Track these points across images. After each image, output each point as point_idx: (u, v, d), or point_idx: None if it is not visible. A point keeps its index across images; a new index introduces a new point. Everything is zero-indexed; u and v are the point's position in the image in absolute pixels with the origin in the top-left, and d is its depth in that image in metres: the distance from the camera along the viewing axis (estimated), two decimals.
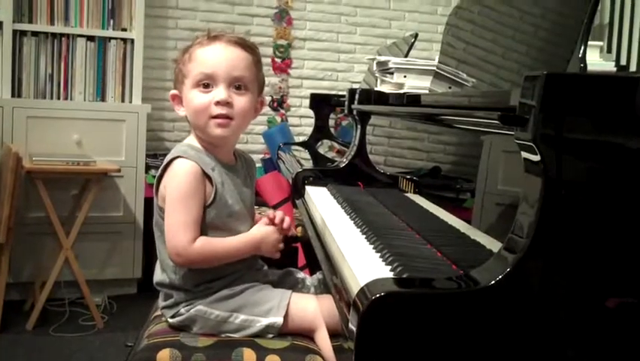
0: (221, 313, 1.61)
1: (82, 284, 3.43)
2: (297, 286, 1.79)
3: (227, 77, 1.62)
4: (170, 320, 1.64)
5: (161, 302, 1.68)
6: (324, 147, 3.52)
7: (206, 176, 1.61)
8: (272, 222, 1.68)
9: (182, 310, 1.62)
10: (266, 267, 1.78)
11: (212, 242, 1.60)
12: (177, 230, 1.56)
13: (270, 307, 1.61)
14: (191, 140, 1.69)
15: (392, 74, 2.09)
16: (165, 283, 1.64)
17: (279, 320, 1.60)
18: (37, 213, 3.55)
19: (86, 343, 3.23)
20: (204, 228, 1.60)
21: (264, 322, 1.60)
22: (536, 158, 0.99)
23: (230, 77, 1.62)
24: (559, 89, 0.98)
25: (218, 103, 1.61)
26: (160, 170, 1.63)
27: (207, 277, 1.63)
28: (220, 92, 1.61)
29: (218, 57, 1.62)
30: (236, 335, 1.61)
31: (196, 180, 1.58)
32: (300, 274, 1.84)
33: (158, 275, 1.67)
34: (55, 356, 3.06)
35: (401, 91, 2.02)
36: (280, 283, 1.78)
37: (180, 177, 1.58)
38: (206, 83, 1.61)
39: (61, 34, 3.84)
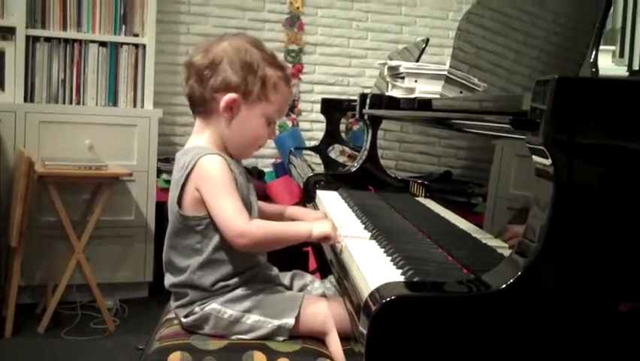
0: (234, 312, 1.61)
1: (93, 288, 3.44)
2: (306, 288, 1.79)
3: None
4: (184, 320, 1.64)
5: (174, 303, 1.68)
6: (335, 152, 3.53)
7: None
8: None
9: (197, 309, 1.62)
10: (276, 269, 1.79)
11: (265, 222, 1.63)
12: (233, 214, 1.56)
13: (282, 308, 1.61)
14: (201, 142, 1.68)
15: (403, 78, 2.09)
16: (180, 283, 1.64)
17: (290, 321, 1.60)
18: (50, 217, 3.56)
19: (97, 346, 3.24)
20: (225, 241, 1.60)
21: (275, 323, 1.60)
22: (547, 162, 0.99)
23: None
24: (570, 93, 0.98)
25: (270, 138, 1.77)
26: (184, 175, 1.60)
27: (225, 274, 1.62)
28: (275, 130, 1.78)
29: (289, 102, 1.78)
30: (247, 336, 1.61)
31: (228, 171, 1.61)
32: (309, 277, 1.84)
33: (171, 279, 1.67)
34: (67, 359, 3.07)
35: (412, 96, 2.02)
36: (290, 286, 1.78)
37: (215, 168, 1.59)
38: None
39: (74, 40, 3.86)
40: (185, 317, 1.64)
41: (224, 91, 1.64)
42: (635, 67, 3.55)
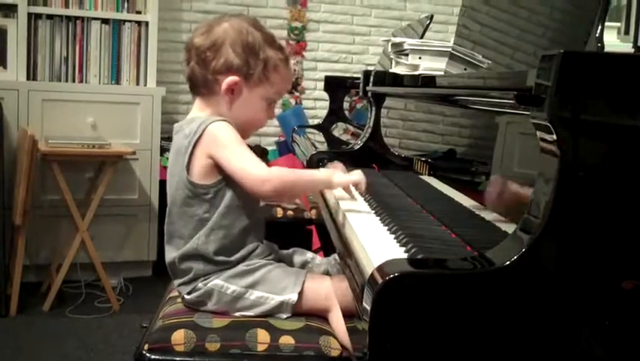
0: (237, 288, 1.61)
1: (98, 266, 3.46)
2: (307, 265, 1.80)
3: None
4: (187, 297, 1.65)
5: (177, 280, 1.68)
6: (338, 130, 3.51)
7: None
8: None
9: (200, 285, 1.62)
10: (276, 246, 1.79)
11: (285, 168, 1.65)
12: (252, 163, 1.59)
13: (285, 284, 1.62)
14: (205, 115, 1.69)
15: (407, 55, 2.07)
16: (184, 254, 1.64)
17: (293, 296, 1.60)
18: (53, 195, 3.57)
19: (101, 324, 3.26)
20: (231, 209, 1.62)
21: (278, 299, 1.61)
22: (552, 138, 0.99)
23: None
24: (576, 68, 0.97)
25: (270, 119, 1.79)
26: (192, 142, 1.61)
27: (228, 242, 1.63)
28: (274, 111, 1.80)
29: (289, 83, 1.80)
30: (250, 313, 1.61)
31: (237, 133, 1.63)
32: (309, 254, 1.84)
33: (173, 252, 1.66)
34: (71, 337, 3.09)
35: (416, 72, 2.00)
36: (290, 262, 1.79)
37: (225, 131, 1.61)
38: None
39: (76, 17, 3.85)
40: (188, 293, 1.64)
41: (226, 73, 1.65)
42: None
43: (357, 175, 1.67)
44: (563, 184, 0.98)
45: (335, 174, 1.67)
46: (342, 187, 1.69)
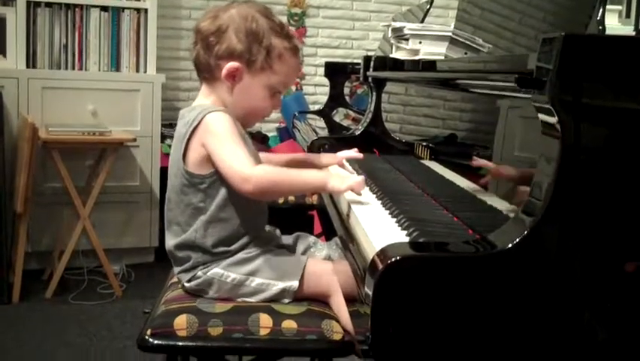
0: (238, 276, 1.61)
1: (100, 253, 3.46)
2: (309, 250, 1.80)
3: None
4: (187, 285, 1.65)
5: (177, 268, 1.68)
6: (339, 115, 3.51)
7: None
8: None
9: (199, 273, 1.62)
10: (278, 231, 1.79)
11: (273, 167, 1.61)
12: (237, 159, 1.55)
13: (285, 271, 1.62)
14: (209, 102, 1.68)
15: (407, 40, 2.07)
16: (182, 243, 1.64)
17: (294, 283, 1.60)
18: (54, 183, 3.57)
19: (104, 311, 3.27)
20: (228, 202, 1.62)
21: (279, 285, 1.61)
22: (554, 120, 0.99)
23: None
24: (577, 51, 0.97)
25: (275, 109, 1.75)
26: (189, 131, 1.60)
27: (226, 235, 1.62)
28: (280, 101, 1.74)
29: (296, 74, 1.78)
30: (252, 299, 1.61)
31: (234, 126, 1.60)
32: (312, 238, 1.84)
33: (172, 240, 1.67)
34: (73, 323, 3.10)
35: (416, 57, 2.00)
36: (293, 248, 1.79)
37: (221, 122, 1.59)
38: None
39: (75, 5, 3.83)
40: (188, 281, 1.64)
41: (228, 59, 1.64)
42: None
43: (355, 181, 1.56)
44: (565, 167, 0.98)
45: (331, 178, 1.59)
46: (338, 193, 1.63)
